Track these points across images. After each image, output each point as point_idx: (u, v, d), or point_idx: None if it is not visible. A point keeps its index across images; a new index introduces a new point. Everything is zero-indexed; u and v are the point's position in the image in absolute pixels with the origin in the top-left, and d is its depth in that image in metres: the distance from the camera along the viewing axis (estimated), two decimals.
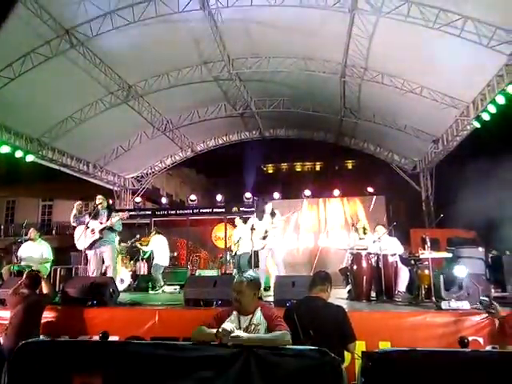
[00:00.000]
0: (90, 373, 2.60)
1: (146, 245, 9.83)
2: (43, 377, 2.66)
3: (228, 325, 2.79)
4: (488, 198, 9.92)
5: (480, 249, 7.24)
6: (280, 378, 2.52)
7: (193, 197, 13.83)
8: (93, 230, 6.63)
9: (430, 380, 2.43)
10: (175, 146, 15.05)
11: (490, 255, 7.41)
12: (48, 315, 5.15)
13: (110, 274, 6.64)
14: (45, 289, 5.14)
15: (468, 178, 11.47)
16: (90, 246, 6.58)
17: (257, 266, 6.93)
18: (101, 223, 6.67)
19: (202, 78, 11.03)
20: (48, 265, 7.34)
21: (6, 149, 10.08)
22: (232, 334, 2.69)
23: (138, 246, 10.19)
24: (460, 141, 11.03)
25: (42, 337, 4.66)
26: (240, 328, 2.94)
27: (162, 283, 9.13)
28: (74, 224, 6.78)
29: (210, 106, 13.09)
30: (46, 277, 5.04)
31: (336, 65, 10.15)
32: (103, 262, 6.71)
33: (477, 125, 9.41)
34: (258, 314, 3.05)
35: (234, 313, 3.08)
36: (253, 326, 2.99)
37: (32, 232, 7.40)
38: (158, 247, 9.43)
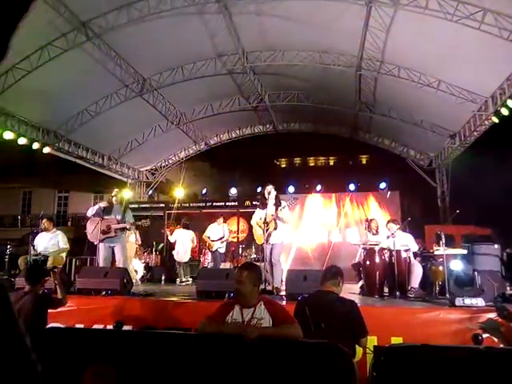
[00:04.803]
0: (104, 362, 2.63)
1: (171, 234, 9.97)
2: (58, 364, 2.70)
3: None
4: (504, 194, 9.75)
5: (496, 246, 7.13)
6: (290, 372, 2.53)
7: (204, 191, 13.98)
8: (109, 227, 6.77)
9: (442, 376, 2.41)
10: (189, 139, 15.09)
11: (506, 252, 7.30)
12: None
13: (121, 266, 6.79)
14: (59, 293, 4.42)
15: (484, 174, 11.29)
16: (102, 240, 6.79)
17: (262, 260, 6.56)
18: (117, 221, 6.86)
19: (216, 72, 11.00)
20: (64, 254, 7.45)
21: (23, 140, 10.28)
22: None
23: (167, 232, 10.34)
24: (478, 136, 10.82)
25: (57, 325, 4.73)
26: (243, 322, 2.89)
27: (184, 278, 9.39)
28: (90, 216, 6.96)
29: (223, 99, 13.07)
30: (59, 275, 4.76)
31: (351, 58, 10.01)
32: (113, 254, 6.87)
33: (495, 120, 9.22)
34: (261, 307, 2.95)
35: (237, 306, 2.99)
36: (255, 320, 2.89)
37: (45, 222, 7.46)
38: (178, 241, 9.62)
